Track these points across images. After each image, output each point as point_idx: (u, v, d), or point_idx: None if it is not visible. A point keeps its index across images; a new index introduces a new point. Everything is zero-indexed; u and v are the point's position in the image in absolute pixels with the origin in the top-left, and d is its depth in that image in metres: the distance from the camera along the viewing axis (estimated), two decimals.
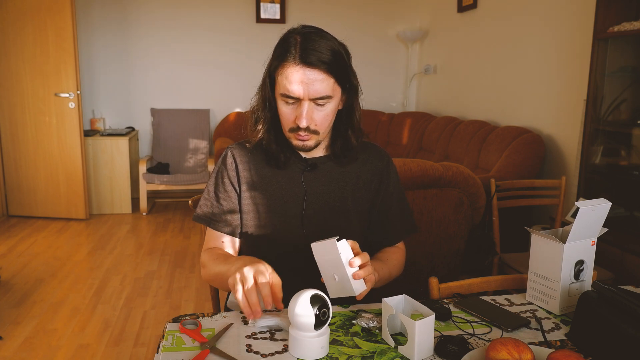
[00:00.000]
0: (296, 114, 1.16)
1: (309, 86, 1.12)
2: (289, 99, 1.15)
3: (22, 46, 4.14)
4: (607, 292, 0.97)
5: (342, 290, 1.06)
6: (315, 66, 1.11)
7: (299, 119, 1.15)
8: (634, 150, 2.47)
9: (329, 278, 1.07)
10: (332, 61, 1.13)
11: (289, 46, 1.13)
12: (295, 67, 1.12)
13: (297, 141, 1.21)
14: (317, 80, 1.12)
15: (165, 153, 4.93)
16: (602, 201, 1.10)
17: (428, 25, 5.03)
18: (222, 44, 5.03)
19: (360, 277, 1.03)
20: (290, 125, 1.18)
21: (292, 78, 1.12)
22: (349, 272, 1.02)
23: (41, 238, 3.92)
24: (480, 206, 2.08)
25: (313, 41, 1.13)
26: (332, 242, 1.01)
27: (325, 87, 1.13)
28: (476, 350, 0.92)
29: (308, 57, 1.11)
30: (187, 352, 0.96)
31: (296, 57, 1.12)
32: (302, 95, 1.13)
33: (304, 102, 1.14)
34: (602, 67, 2.42)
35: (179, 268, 3.37)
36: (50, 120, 4.25)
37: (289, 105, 1.17)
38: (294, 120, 1.17)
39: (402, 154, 4.60)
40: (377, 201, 1.33)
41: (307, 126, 1.16)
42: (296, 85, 1.12)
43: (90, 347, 2.37)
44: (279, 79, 1.15)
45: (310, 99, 1.14)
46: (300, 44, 1.12)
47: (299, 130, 1.17)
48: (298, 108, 1.15)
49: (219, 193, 1.29)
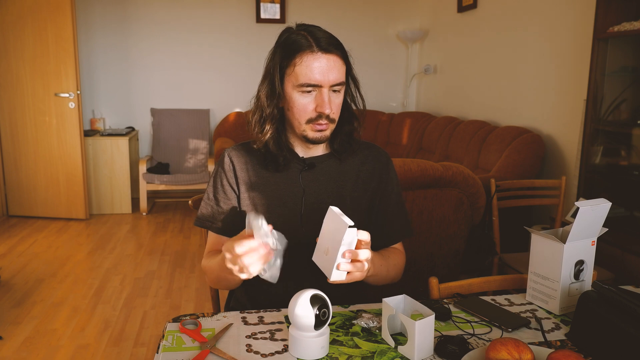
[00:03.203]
0: (316, 102, 1.17)
1: (329, 72, 1.15)
2: (309, 87, 1.16)
3: (22, 46, 4.14)
4: (607, 292, 0.97)
5: (323, 264, 1.05)
6: (333, 52, 1.15)
7: (321, 106, 1.16)
8: (634, 150, 2.47)
9: (322, 247, 1.06)
10: (342, 48, 1.18)
11: (300, 39, 1.16)
12: (315, 55, 1.14)
13: (315, 132, 1.20)
14: (336, 67, 1.16)
15: (165, 153, 4.93)
16: (602, 201, 1.10)
17: (428, 25, 5.03)
18: (222, 44, 5.03)
19: (344, 270, 1.02)
20: (309, 115, 1.18)
21: (314, 66, 1.14)
22: (339, 259, 1.00)
23: (41, 238, 3.92)
24: (480, 206, 2.08)
25: (320, 32, 1.17)
26: (344, 224, 0.99)
27: (342, 73, 1.18)
28: (476, 350, 0.92)
29: (325, 44, 1.15)
30: (187, 352, 0.96)
31: (313, 45, 1.14)
32: (323, 82, 1.15)
33: (324, 90, 1.16)
34: (602, 67, 2.42)
35: (179, 268, 3.37)
36: (50, 120, 4.25)
37: (308, 95, 1.17)
38: (314, 109, 1.17)
39: (402, 154, 4.60)
40: (376, 201, 1.33)
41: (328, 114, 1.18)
42: (317, 72, 1.14)
43: (90, 347, 2.37)
44: (296, 70, 1.16)
45: (331, 85, 1.16)
46: (311, 35, 1.15)
47: (319, 119, 1.18)
48: (318, 96, 1.17)
49: (218, 196, 1.29)
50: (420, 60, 5.21)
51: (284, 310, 1.13)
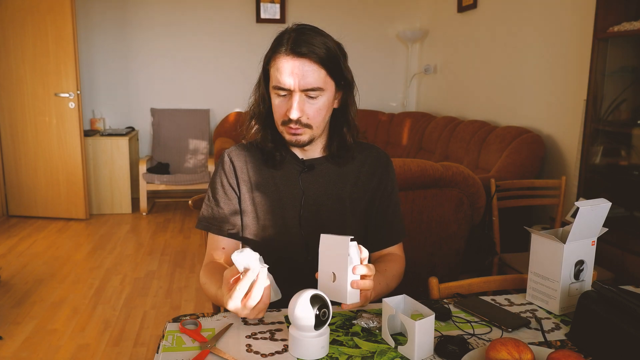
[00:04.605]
0: (287, 106, 1.16)
1: (299, 77, 1.12)
2: (281, 90, 1.15)
3: (22, 46, 4.14)
4: (607, 292, 0.97)
5: (334, 292, 1.02)
6: (305, 56, 1.12)
7: (289, 110, 1.15)
8: (634, 150, 2.47)
9: (326, 275, 1.04)
10: (324, 54, 1.14)
11: (282, 39, 1.15)
12: (286, 58, 1.13)
13: (290, 135, 1.20)
14: (308, 71, 1.13)
15: (165, 153, 4.93)
16: (602, 201, 1.10)
17: (428, 25, 5.03)
18: (222, 44, 5.04)
19: (359, 287, 1.00)
20: (282, 118, 1.18)
21: (283, 68, 1.13)
22: (350, 277, 0.99)
23: (41, 238, 3.92)
24: (480, 206, 2.08)
25: (306, 34, 1.14)
26: (344, 240, 0.98)
27: (317, 79, 1.14)
28: (476, 350, 0.92)
29: (299, 47, 1.12)
30: (187, 352, 0.96)
31: (287, 48, 1.12)
32: (292, 86, 1.13)
33: (295, 94, 1.14)
34: (602, 67, 2.42)
35: (179, 268, 3.37)
36: (50, 120, 4.25)
37: (281, 98, 1.17)
38: (285, 113, 1.17)
39: (402, 154, 4.60)
40: (375, 202, 1.32)
41: (299, 119, 1.16)
42: (287, 75, 1.12)
43: (90, 347, 2.37)
44: (271, 72, 1.16)
45: (301, 90, 1.14)
46: (293, 37, 1.14)
47: (290, 122, 1.17)
48: (289, 100, 1.16)
49: (218, 197, 1.28)
50: (420, 60, 5.21)
51: (284, 310, 1.13)
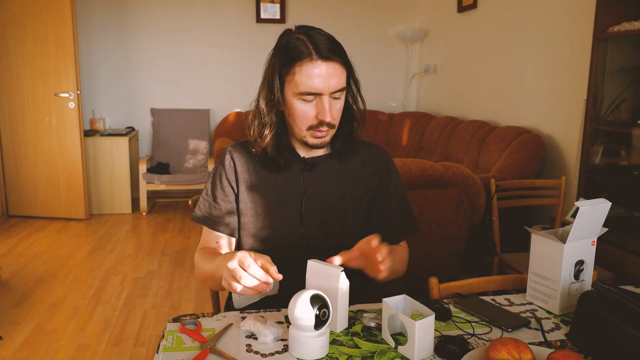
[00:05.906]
0: (317, 110, 1.17)
1: (329, 80, 1.14)
2: (309, 96, 1.15)
3: (22, 46, 4.14)
4: (607, 292, 0.97)
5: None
6: (332, 60, 1.14)
7: (322, 114, 1.16)
8: (634, 150, 2.47)
9: None
10: (342, 53, 1.17)
11: (299, 45, 1.14)
12: (315, 63, 1.13)
13: (315, 139, 1.21)
14: (336, 74, 1.15)
15: (165, 153, 4.93)
16: (602, 201, 1.10)
17: (428, 25, 5.03)
18: (222, 44, 5.03)
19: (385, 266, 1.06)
20: (310, 122, 1.19)
21: (313, 74, 1.13)
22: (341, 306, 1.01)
23: (41, 238, 3.92)
24: (480, 206, 2.08)
25: (320, 37, 1.15)
26: (335, 271, 1.00)
27: (343, 79, 1.17)
28: (476, 350, 0.92)
29: (324, 51, 1.13)
30: (187, 352, 0.96)
31: (312, 53, 1.13)
32: (323, 90, 1.14)
33: (324, 97, 1.15)
34: (602, 67, 2.41)
35: (179, 268, 3.37)
36: (50, 120, 4.25)
37: (308, 103, 1.17)
38: (315, 117, 1.17)
39: (402, 154, 4.60)
40: (377, 201, 1.33)
41: (329, 121, 1.18)
42: (317, 80, 1.13)
43: (90, 347, 2.37)
44: (296, 79, 1.15)
45: (330, 92, 1.15)
46: (310, 42, 1.14)
47: (320, 126, 1.18)
48: (319, 104, 1.16)
49: (216, 193, 1.29)
50: (420, 60, 5.21)
51: (284, 310, 1.13)
